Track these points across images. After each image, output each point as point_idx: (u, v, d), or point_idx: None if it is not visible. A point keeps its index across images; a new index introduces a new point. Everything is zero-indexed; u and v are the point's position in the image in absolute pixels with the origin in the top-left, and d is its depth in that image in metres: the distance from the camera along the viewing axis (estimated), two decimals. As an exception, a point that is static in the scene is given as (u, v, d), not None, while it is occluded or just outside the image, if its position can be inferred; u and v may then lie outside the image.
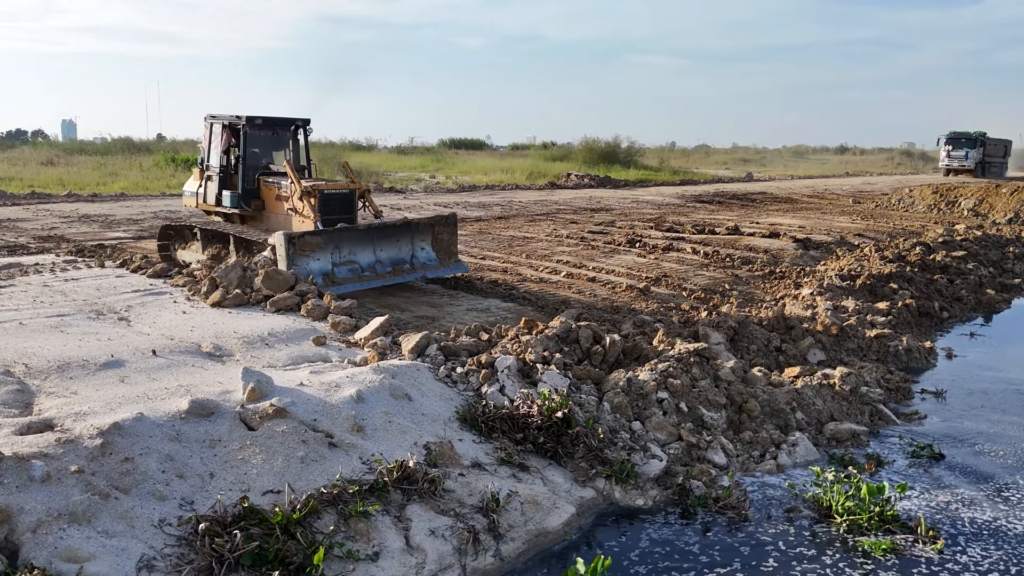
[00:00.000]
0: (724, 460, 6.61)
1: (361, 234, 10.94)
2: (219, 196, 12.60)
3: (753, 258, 15.00)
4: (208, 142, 12.83)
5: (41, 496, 4.55)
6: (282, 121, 12.88)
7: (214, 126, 12.68)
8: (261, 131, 12.64)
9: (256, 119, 12.44)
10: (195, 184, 13.18)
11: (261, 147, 12.79)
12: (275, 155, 13.02)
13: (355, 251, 10.83)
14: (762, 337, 9.40)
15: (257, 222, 12.48)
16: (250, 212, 12.48)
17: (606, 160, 46.13)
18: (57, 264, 11.29)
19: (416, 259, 11.51)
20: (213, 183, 12.71)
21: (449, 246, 11.79)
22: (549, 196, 30.13)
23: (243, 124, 12.30)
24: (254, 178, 12.51)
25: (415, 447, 5.93)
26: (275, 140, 13.00)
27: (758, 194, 31.96)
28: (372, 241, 11.05)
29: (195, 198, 13.16)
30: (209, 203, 12.84)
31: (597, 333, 7.92)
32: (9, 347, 6.96)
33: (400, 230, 11.44)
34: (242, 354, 7.43)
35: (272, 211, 12.34)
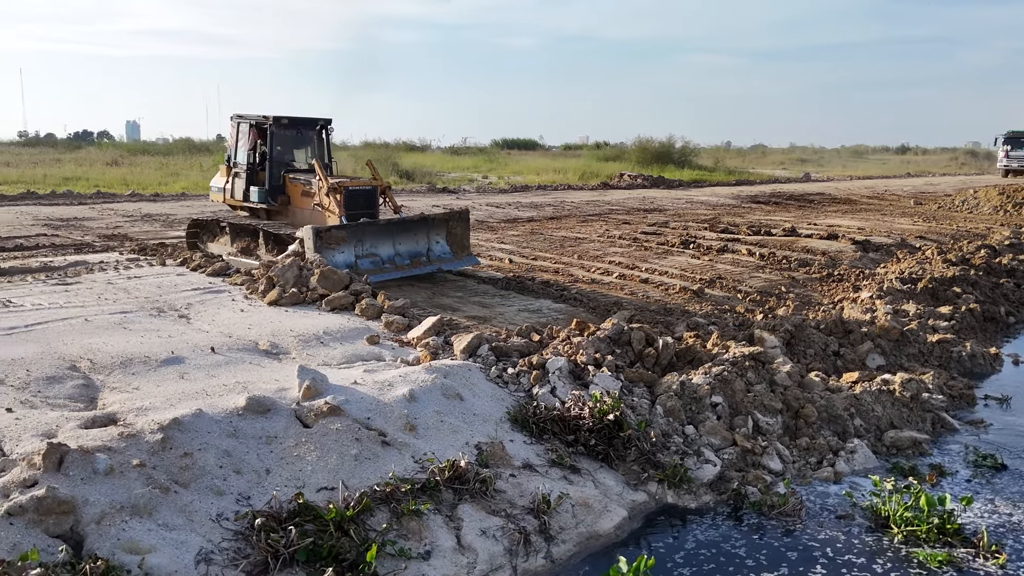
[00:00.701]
0: (780, 466, 6.50)
1: (382, 228, 11.60)
2: (246, 192, 13.16)
3: (810, 260, 14.72)
4: (235, 140, 13.43)
5: (104, 489, 4.68)
6: (306, 121, 13.50)
7: (241, 125, 13.29)
8: (286, 130, 13.27)
9: (282, 119, 13.06)
10: (222, 180, 13.75)
11: (286, 145, 13.41)
12: (297, 153, 13.63)
13: (376, 244, 11.46)
14: (819, 341, 9.22)
15: (283, 217, 13.03)
16: (276, 207, 13.05)
17: (660, 160, 45.76)
18: (120, 262, 11.61)
19: (432, 252, 12.17)
20: (240, 179, 13.29)
21: (462, 240, 12.44)
22: (601, 196, 30.01)
23: (270, 124, 12.90)
24: (280, 175, 13.09)
25: (466, 447, 5.95)
26: (299, 139, 13.66)
27: (816, 195, 31.39)
28: (392, 235, 11.69)
29: (222, 194, 13.73)
30: (236, 199, 13.39)
31: (650, 335, 7.85)
32: (75, 343, 7.17)
33: (417, 225, 12.09)
34: (298, 352, 7.55)
35: (298, 206, 12.92)
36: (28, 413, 5.58)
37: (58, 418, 5.49)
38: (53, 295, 9.12)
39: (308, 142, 13.76)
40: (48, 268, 10.91)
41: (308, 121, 13.53)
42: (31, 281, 9.91)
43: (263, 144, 13.02)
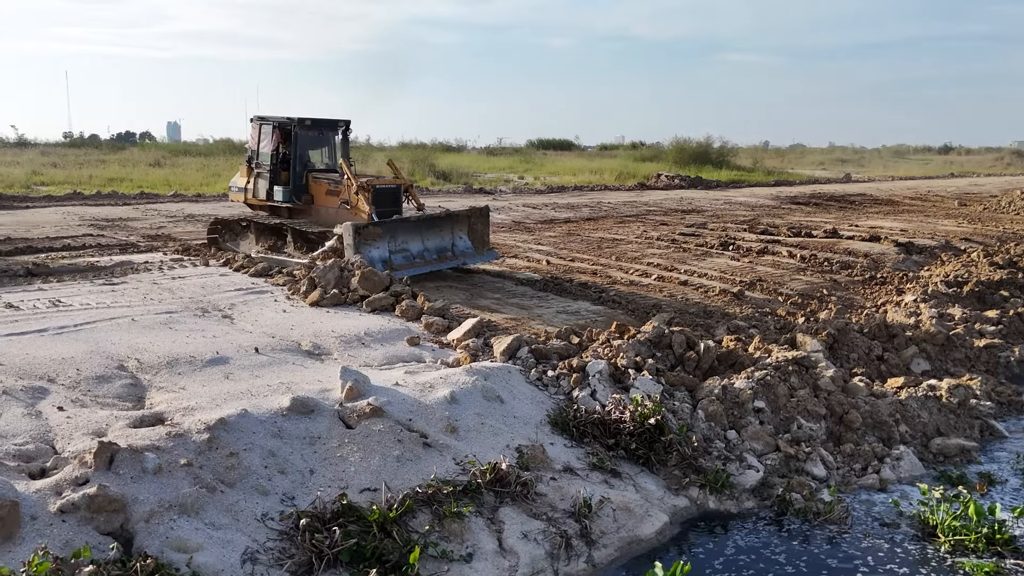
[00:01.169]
0: (824, 473, 6.42)
1: (412, 225, 12.20)
2: (270, 191, 13.46)
3: (852, 262, 14.51)
4: (257, 142, 13.73)
5: (153, 487, 4.76)
6: (327, 122, 13.94)
7: (263, 127, 13.64)
8: (309, 131, 13.64)
9: (306, 120, 13.50)
10: (243, 180, 14.03)
11: (307, 146, 13.75)
12: (311, 153, 13.96)
13: (407, 240, 12.00)
14: (863, 345, 9.09)
15: (306, 215, 13.39)
16: (300, 206, 13.41)
17: (697, 160, 45.39)
18: (165, 262, 11.80)
19: (456, 247, 12.73)
20: (263, 179, 13.56)
21: (483, 235, 13.00)
22: (639, 197, 29.85)
23: (294, 125, 13.30)
24: (303, 174, 13.45)
25: (507, 449, 5.96)
26: (319, 139, 14.04)
27: (857, 196, 30.92)
28: (420, 232, 12.26)
29: (243, 193, 14.02)
30: (259, 198, 13.69)
31: (691, 339, 7.80)
32: (123, 343, 7.30)
33: (443, 221, 12.67)
34: (340, 353, 7.61)
35: (322, 204, 13.28)
36: (79, 412, 5.69)
37: (107, 417, 5.60)
38: (100, 295, 9.30)
39: (328, 143, 14.19)
40: (95, 268, 11.12)
41: (329, 123, 13.98)
42: (79, 281, 10.12)
43: (286, 145, 13.37)
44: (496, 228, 18.76)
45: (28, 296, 9.02)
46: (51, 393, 6.01)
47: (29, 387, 6.04)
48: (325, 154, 14.10)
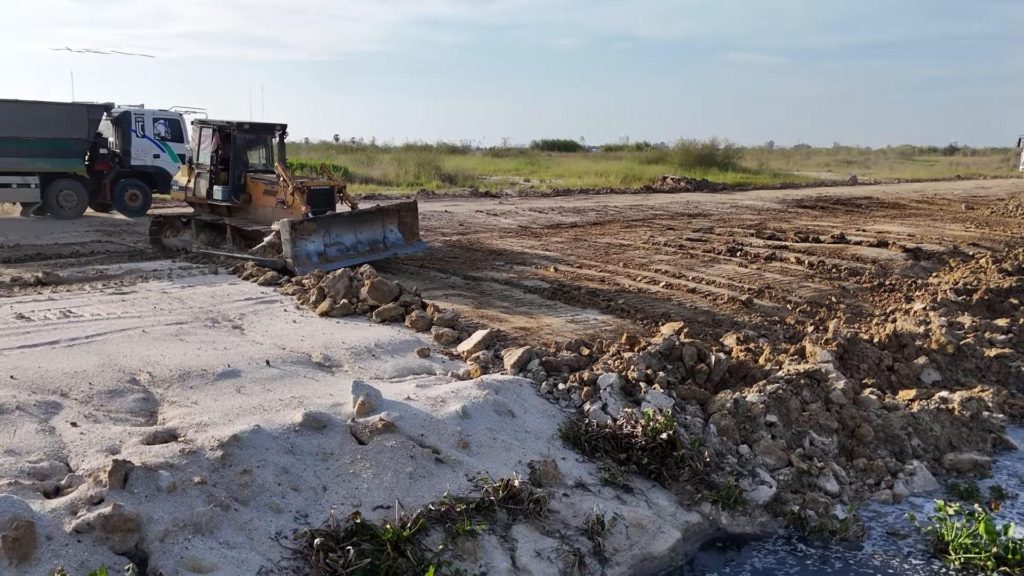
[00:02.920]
0: (836, 488, 6.40)
1: (345, 220, 13.17)
2: (210, 190, 14.37)
3: (861, 269, 14.49)
4: (198, 144, 14.69)
5: (167, 506, 4.76)
6: (265, 126, 15.00)
7: (203, 130, 14.63)
8: (247, 134, 14.60)
9: (244, 124, 14.53)
10: (184, 180, 15.03)
11: (245, 148, 14.62)
12: (250, 154, 14.84)
13: (341, 234, 12.93)
14: (873, 355, 9.07)
15: (244, 213, 14.30)
16: (239, 204, 14.30)
17: (703, 163, 45.39)
18: (174, 270, 11.81)
19: (387, 239, 13.72)
20: (203, 179, 14.51)
21: (412, 227, 14.06)
22: (645, 200, 29.83)
23: (233, 128, 14.23)
24: (241, 175, 14.32)
25: (519, 465, 5.95)
26: (257, 142, 14.97)
27: (863, 199, 30.88)
28: (353, 226, 13.21)
29: (184, 192, 15.02)
30: (200, 196, 14.62)
31: (702, 351, 7.78)
32: (134, 355, 7.31)
33: (374, 215, 13.70)
34: (350, 365, 7.61)
35: (259, 203, 14.16)
36: (92, 428, 5.70)
37: (121, 433, 5.61)
38: (111, 305, 9.31)
39: (266, 145, 15.05)
40: (104, 276, 11.14)
41: (267, 126, 14.99)
42: (88, 290, 10.13)
43: (225, 147, 14.25)
44: (503, 233, 18.78)
45: (39, 306, 9.04)
46: (64, 408, 6.01)
47: (42, 402, 6.05)
48: (264, 155, 14.99)
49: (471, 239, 17.65)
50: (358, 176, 36.81)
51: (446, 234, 18.30)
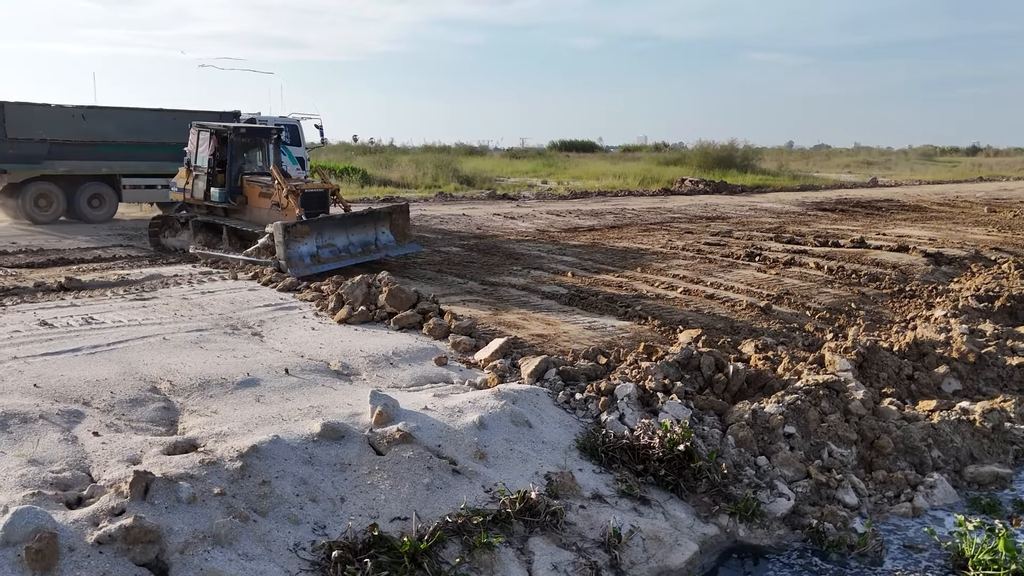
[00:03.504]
0: (855, 500, 6.36)
1: (337, 222, 13.53)
2: (207, 192, 14.75)
3: (881, 274, 14.37)
4: (195, 146, 15.02)
5: (187, 517, 4.81)
6: (261, 130, 15.53)
7: (201, 133, 14.98)
8: (244, 138, 15.03)
9: (241, 128, 15.08)
10: (182, 181, 15.36)
11: (242, 151, 15.03)
12: (248, 157, 15.25)
13: (333, 236, 13.26)
14: (893, 364, 9.00)
15: (240, 214, 14.70)
16: (235, 206, 14.71)
17: (722, 165, 45.18)
18: (194, 275, 11.91)
19: (379, 241, 14.05)
20: (201, 181, 14.88)
21: (404, 229, 14.39)
22: (663, 203, 29.75)
23: (230, 132, 14.70)
24: (238, 177, 14.71)
25: (536, 476, 5.96)
26: (254, 144, 15.35)
27: (884, 201, 30.63)
28: (345, 228, 13.55)
29: (183, 193, 15.35)
30: (197, 198, 14.97)
31: (719, 360, 7.76)
32: (155, 363, 7.38)
33: (366, 218, 14.04)
34: (368, 373, 7.65)
35: (255, 205, 14.56)
36: (114, 437, 5.76)
37: (141, 443, 5.66)
38: (132, 311, 9.40)
39: (262, 148, 15.40)
40: (125, 282, 11.25)
41: (263, 130, 15.49)
42: (110, 296, 10.23)
43: (222, 150, 14.66)
44: (521, 237, 18.80)
45: (61, 312, 9.14)
46: (86, 417, 6.09)
47: (65, 411, 6.13)
48: (261, 158, 15.36)
49: (488, 243, 17.68)
50: (376, 178, 36.97)
51: (463, 238, 18.34)
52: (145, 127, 19.70)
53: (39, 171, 18.44)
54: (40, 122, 18.37)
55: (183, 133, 18.50)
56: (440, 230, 19.55)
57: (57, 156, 18.57)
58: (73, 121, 18.81)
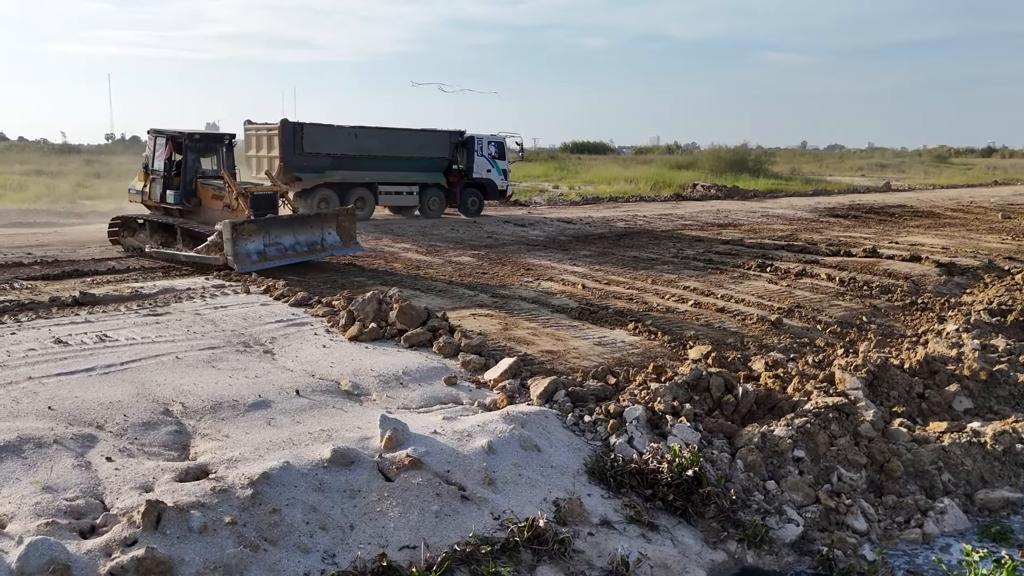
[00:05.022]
0: (864, 526, 6.36)
1: (284, 222, 14.43)
2: (163, 194, 15.70)
3: (893, 286, 14.31)
4: (152, 151, 16.06)
5: (199, 547, 4.86)
6: (215, 136, 16.51)
7: (158, 139, 15.98)
8: (198, 143, 15.93)
9: (195, 135, 15.92)
10: (140, 184, 16.43)
11: (196, 155, 15.95)
12: (203, 161, 16.14)
13: (280, 235, 14.12)
14: (903, 382, 8.98)
15: (195, 215, 15.56)
16: (190, 207, 15.63)
17: (734, 168, 45.07)
18: (207, 289, 11.98)
19: (325, 241, 14.82)
20: (157, 184, 15.85)
21: (349, 231, 15.13)
22: (674, 209, 29.71)
23: (185, 138, 15.56)
24: (193, 180, 15.67)
25: (544, 503, 5.99)
26: (208, 150, 16.19)
27: (897, 207, 30.48)
28: (292, 228, 14.40)
29: (140, 196, 16.40)
30: (154, 200, 15.98)
31: (729, 381, 7.76)
32: (168, 384, 7.45)
33: (313, 219, 14.96)
34: (378, 394, 7.70)
35: (208, 206, 15.51)
36: (126, 462, 5.83)
37: (154, 469, 5.72)
38: (145, 327, 9.47)
39: (216, 153, 16.15)
40: (139, 296, 11.33)
41: (216, 136, 16.47)
42: (124, 311, 10.32)
43: (179, 154, 15.55)
44: (531, 246, 18.82)
45: (76, 329, 9.22)
46: (100, 441, 6.15)
47: (79, 435, 6.20)
48: (215, 163, 16.09)
49: (499, 252, 17.71)
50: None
51: (475, 247, 18.38)
52: (398, 143, 23.19)
53: (323, 179, 21.88)
54: (325, 139, 21.88)
55: (425, 148, 23.56)
56: (451, 239, 19.59)
57: (335, 167, 22.06)
58: (348, 138, 22.30)
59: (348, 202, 21.60)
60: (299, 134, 21.41)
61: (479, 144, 24.99)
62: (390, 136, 23.27)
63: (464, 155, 24.92)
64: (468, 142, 24.93)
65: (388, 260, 15.97)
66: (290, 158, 21.26)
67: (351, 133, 22.43)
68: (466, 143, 24.93)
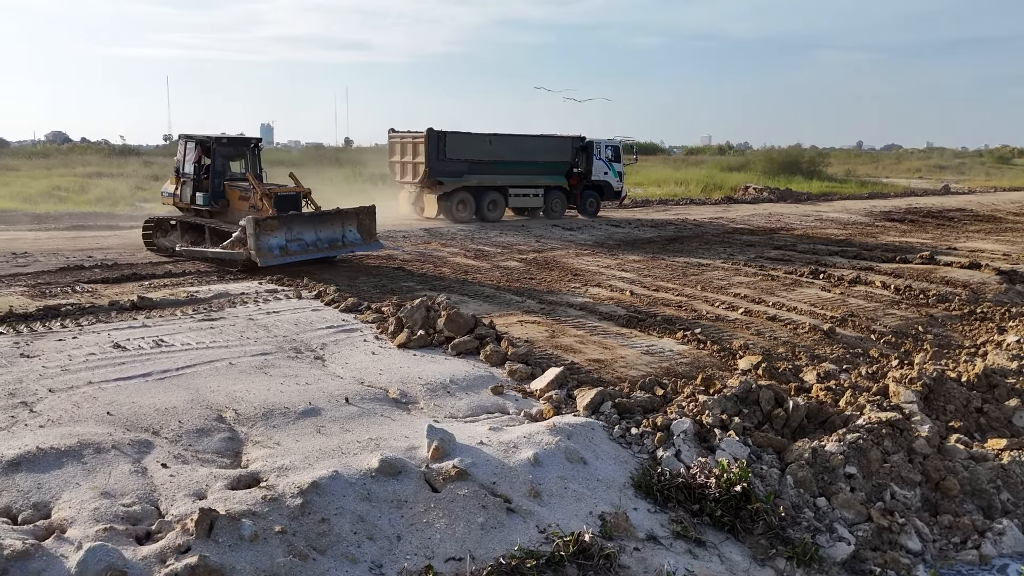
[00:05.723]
0: (919, 546, 6.22)
1: (306, 219, 15.06)
2: (193, 196, 16.46)
3: (951, 294, 13.96)
4: (183, 155, 16.82)
5: (249, 556, 4.96)
6: (241, 140, 17.39)
7: (188, 143, 16.69)
8: (226, 148, 16.74)
9: (223, 139, 16.77)
10: (171, 187, 17.24)
11: (225, 159, 16.73)
12: (232, 164, 16.90)
13: (302, 232, 14.78)
14: (961, 396, 8.75)
15: (223, 216, 16.18)
16: (218, 209, 16.34)
17: (787, 170, 44.39)
18: (260, 293, 12.21)
19: (346, 238, 15.46)
20: (188, 186, 16.60)
21: (369, 228, 15.79)
22: (725, 212, 29.39)
23: (213, 143, 16.37)
24: (221, 183, 16.41)
25: (590, 516, 5.97)
26: (235, 153, 16.98)
27: (956, 211, 29.72)
28: (314, 224, 15.04)
29: (172, 198, 17.20)
30: (185, 202, 16.73)
31: (779, 394, 7.66)
32: (221, 390, 7.60)
33: (333, 216, 15.44)
34: (426, 402, 7.76)
35: (236, 208, 16.18)
36: (181, 469, 5.97)
37: (207, 476, 5.85)
38: (200, 332, 9.69)
39: (243, 156, 16.88)
40: (194, 300, 11.59)
41: (243, 140, 17.32)
42: (179, 316, 10.56)
43: (207, 158, 16.25)
44: (580, 250, 18.78)
45: (134, 334, 9.47)
46: (155, 448, 6.31)
47: (136, 441, 6.36)
48: (243, 165, 16.80)
49: (547, 256, 17.71)
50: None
51: (523, 251, 18.41)
52: (526, 149, 24.84)
53: (462, 183, 23.59)
54: (464, 146, 23.58)
55: (550, 153, 25.37)
56: (499, 243, 19.65)
57: (472, 171, 23.73)
58: (484, 145, 23.96)
59: (483, 204, 23.95)
60: (442, 141, 23.10)
61: (597, 148, 26.34)
62: (520, 142, 24.90)
63: (584, 159, 26.23)
64: (588, 146, 26.28)
65: (437, 264, 16.08)
66: (434, 163, 23.05)
67: (487, 140, 24.11)
68: (586, 147, 26.28)
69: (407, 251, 17.85)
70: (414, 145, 23.54)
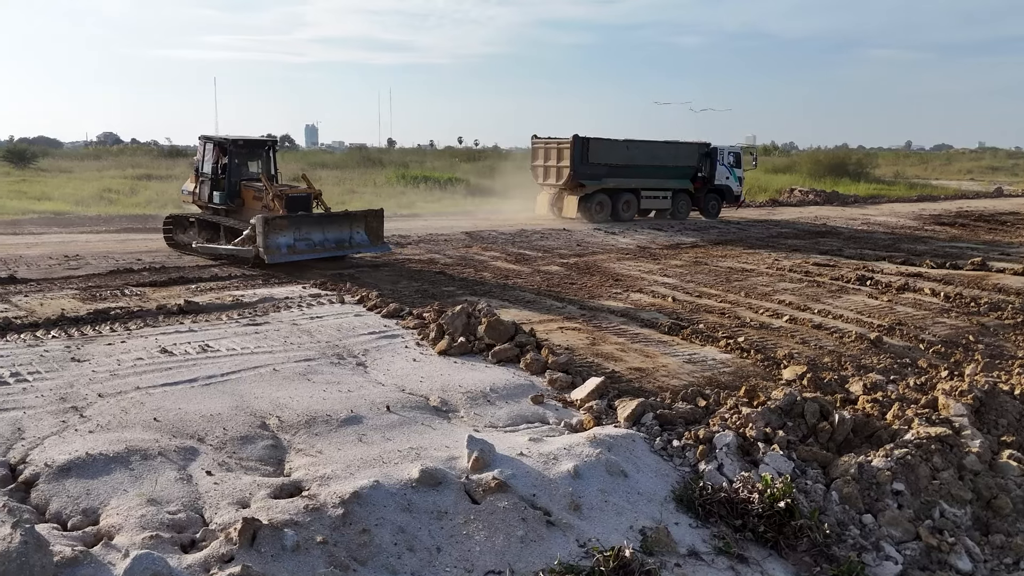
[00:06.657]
0: (969, 567, 6.06)
1: (315, 219, 15.72)
2: (210, 195, 17.15)
3: (1003, 302, 13.59)
4: (202, 155, 17.58)
5: (291, 566, 5.01)
6: (257, 142, 17.86)
7: (207, 144, 17.34)
8: (242, 148, 17.30)
9: (239, 140, 17.35)
10: (191, 186, 18.04)
11: (242, 159, 17.32)
12: (250, 165, 17.48)
13: (310, 232, 15.42)
14: (1014, 410, 8.51)
15: (239, 215, 16.73)
16: (234, 207, 16.96)
17: (833, 172, 43.69)
18: (304, 298, 12.34)
19: (353, 239, 16.00)
20: (206, 186, 17.34)
21: (377, 231, 16.29)
22: (770, 215, 29.04)
23: (230, 144, 17.02)
24: (237, 183, 17.06)
25: (631, 531, 5.93)
26: (252, 154, 17.54)
27: (1009, 215, 28.98)
28: (322, 225, 15.67)
29: (191, 196, 17.98)
30: (203, 200, 17.47)
31: (824, 407, 7.53)
32: (265, 397, 7.70)
33: (341, 218, 16.12)
34: (466, 410, 7.77)
35: (250, 207, 16.71)
36: (225, 477, 6.05)
37: (250, 484, 5.92)
38: (245, 337, 9.82)
39: (259, 157, 17.50)
40: (239, 305, 11.76)
41: (258, 142, 17.86)
42: (225, 320, 10.72)
43: (224, 159, 16.94)
44: (621, 255, 18.69)
45: (180, 339, 9.63)
46: (200, 455, 6.40)
47: (181, 447, 6.47)
48: (260, 166, 17.38)
49: (588, 261, 17.65)
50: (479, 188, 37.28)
51: (563, 256, 18.37)
52: (657, 154, 26.50)
53: (600, 186, 25.38)
54: (604, 151, 25.37)
55: (679, 158, 26.92)
56: (540, 247, 19.63)
57: (610, 175, 25.45)
58: (621, 150, 25.70)
59: (618, 206, 25.69)
60: (586, 147, 24.89)
61: (720, 154, 27.91)
62: (652, 148, 26.54)
63: (707, 164, 27.75)
64: (712, 152, 27.83)
65: (477, 269, 16.12)
66: (578, 167, 24.83)
67: (624, 145, 25.84)
68: (710, 153, 27.82)
69: (448, 255, 17.93)
70: (558, 150, 25.15)
